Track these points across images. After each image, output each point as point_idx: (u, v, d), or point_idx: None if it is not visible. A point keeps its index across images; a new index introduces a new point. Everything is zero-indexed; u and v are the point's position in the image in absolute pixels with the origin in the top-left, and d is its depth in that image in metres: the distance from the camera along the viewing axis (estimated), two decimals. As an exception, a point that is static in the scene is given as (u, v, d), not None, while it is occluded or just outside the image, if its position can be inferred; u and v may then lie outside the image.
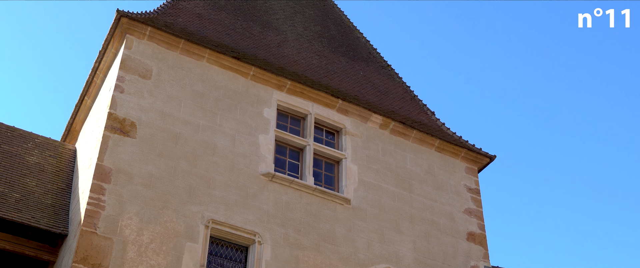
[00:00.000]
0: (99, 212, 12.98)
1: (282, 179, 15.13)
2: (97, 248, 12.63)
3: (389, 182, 16.55)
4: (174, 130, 14.59)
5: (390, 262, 15.31)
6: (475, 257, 16.54)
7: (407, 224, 16.11)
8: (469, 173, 18.00)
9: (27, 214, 13.43)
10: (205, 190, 14.16)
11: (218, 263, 13.88)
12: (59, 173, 15.25)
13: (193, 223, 13.68)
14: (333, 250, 14.80)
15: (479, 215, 17.33)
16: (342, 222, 15.28)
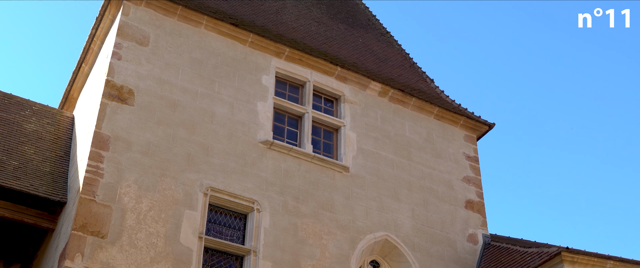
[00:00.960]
0: (97, 179, 12.98)
1: (280, 147, 15.11)
2: (96, 215, 12.65)
3: (387, 150, 16.54)
4: (172, 98, 14.53)
5: (388, 230, 15.36)
6: (474, 225, 16.60)
7: (406, 192, 16.13)
8: (468, 141, 18.00)
9: (26, 182, 13.42)
10: (203, 157, 14.15)
11: (217, 230, 13.92)
12: (57, 141, 15.22)
13: (192, 191, 13.69)
14: (332, 217, 14.84)
15: (477, 183, 17.36)
16: (340, 190, 15.30)
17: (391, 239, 15.27)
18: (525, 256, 14.51)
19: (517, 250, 14.92)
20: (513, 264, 14.71)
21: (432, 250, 15.61)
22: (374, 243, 15.10)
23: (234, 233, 14.07)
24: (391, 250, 15.28)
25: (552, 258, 13.73)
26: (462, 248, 16.05)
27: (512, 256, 14.93)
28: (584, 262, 13.77)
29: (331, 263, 14.28)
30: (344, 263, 14.44)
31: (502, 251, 15.44)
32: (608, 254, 14.01)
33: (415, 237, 15.58)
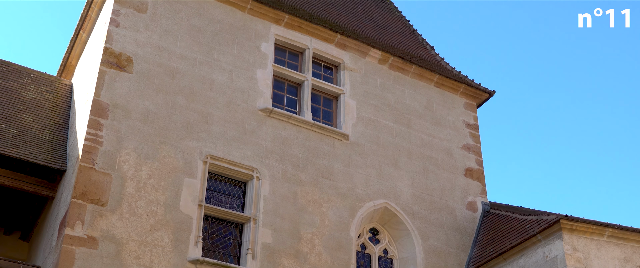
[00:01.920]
0: (96, 147, 12.96)
1: (280, 115, 15.07)
2: (96, 183, 12.65)
3: (387, 118, 16.50)
4: (171, 65, 14.45)
5: (388, 198, 15.38)
6: (473, 193, 16.63)
7: (405, 160, 16.13)
8: (468, 109, 17.95)
9: (25, 150, 13.39)
10: (203, 125, 14.12)
11: (217, 198, 13.94)
12: (55, 109, 15.16)
13: (191, 159, 13.67)
14: (331, 185, 14.85)
15: (477, 151, 17.35)
16: (340, 158, 15.29)
17: (391, 207, 15.31)
18: (524, 224, 14.55)
19: (516, 218, 14.96)
20: (512, 232, 14.76)
21: (432, 218, 15.65)
22: (373, 211, 15.13)
23: (233, 201, 14.09)
24: (391, 217, 15.32)
25: (551, 226, 13.77)
26: (462, 216, 16.09)
27: (511, 224, 14.98)
28: (582, 229, 13.82)
29: (331, 231, 14.32)
30: (344, 230, 14.48)
31: (501, 219, 15.49)
32: (607, 222, 14.04)
33: (415, 205, 15.61)
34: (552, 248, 13.76)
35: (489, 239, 15.30)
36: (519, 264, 14.36)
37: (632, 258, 13.97)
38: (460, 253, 15.58)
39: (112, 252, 12.22)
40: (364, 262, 14.86)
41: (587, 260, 13.59)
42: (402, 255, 15.24)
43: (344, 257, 14.21)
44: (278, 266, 13.46)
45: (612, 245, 13.97)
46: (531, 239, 14.11)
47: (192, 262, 12.74)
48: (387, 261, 15.18)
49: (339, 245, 14.29)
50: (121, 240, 12.38)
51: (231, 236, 13.73)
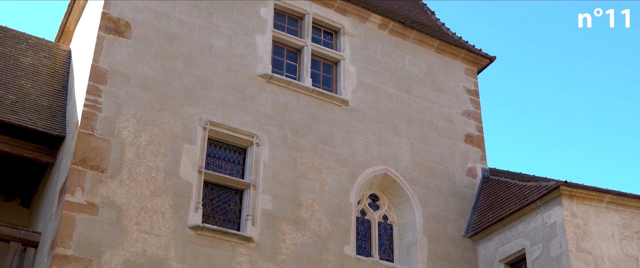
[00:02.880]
0: (96, 113, 12.92)
1: (279, 80, 15.00)
2: (96, 150, 12.63)
3: (387, 84, 16.43)
4: (170, 31, 14.34)
5: (387, 164, 15.38)
6: (473, 159, 16.63)
7: (405, 126, 16.10)
8: (468, 75, 17.87)
9: (24, 116, 13.35)
10: (202, 91, 14.06)
11: (216, 164, 13.94)
12: (54, 75, 15.08)
13: (191, 125, 13.64)
14: (331, 151, 14.84)
15: (477, 117, 17.31)
16: (340, 124, 15.26)
17: (390, 173, 15.31)
18: (524, 190, 14.57)
19: (516, 184, 14.98)
20: (511, 198, 14.79)
21: (431, 184, 15.67)
22: (373, 177, 15.15)
23: (233, 168, 14.09)
24: (390, 184, 15.34)
25: (550, 192, 13.79)
26: (461, 182, 16.11)
27: (511, 190, 15.01)
28: (582, 195, 13.84)
29: (330, 197, 14.34)
30: (343, 197, 14.51)
31: (500, 185, 15.51)
32: (606, 188, 14.07)
33: (415, 171, 15.62)
34: (551, 214, 13.80)
35: (489, 205, 15.34)
36: (518, 230, 14.42)
37: (631, 224, 14.03)
38: (460, 219, 15.64)
39: (112, 218, 12.25)
40: (363, 228, 14.92)
41: (586, 226, 13.64)
42: (402, 221, 15.29)
43: (344, 223, 14.25)
44: (278, 232, 13.50)
45: (611, 211, 14.01)
46: (530, 205, 14.15)
47: (192, 228, 12.78)
48: (386, 227, 15.24)
49: (339, 211, 14.33)
50: (121, 206, 12.40)
51: (231, 202, 13.76)
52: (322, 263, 13.64)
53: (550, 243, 13.62)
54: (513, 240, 14.44)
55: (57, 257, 11.58)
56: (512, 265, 14.61)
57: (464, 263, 15.13)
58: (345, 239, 14.11)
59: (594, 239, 13.56)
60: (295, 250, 13.52)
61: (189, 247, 12.62)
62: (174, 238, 12.58)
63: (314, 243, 13.75)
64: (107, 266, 11.88)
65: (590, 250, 13.42)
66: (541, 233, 13.89)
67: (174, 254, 12.46)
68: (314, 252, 13.68)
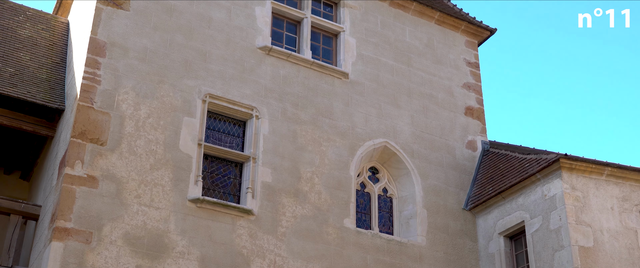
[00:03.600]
0: (95, 86, 12.87)
1: (279, 53, 14.93)
2: (95, 123, 12.60)
3: (387, 56, 16.36)
4: (168, 2, 14.23)
5: (387, 137, 15.36)
6: (473, 132, 16.60)
7: (405, 98, 16.05)
8: (469, 47, 17.78)
9: (23, 89, 13.30)
10: (201, 64, 13.99)
11: (216, 137, 13.92)
12: (52, 47, 15.00)
13: (190, 97, 13.60)
14: (331, 124, 14.81)
15: (477, 90, 17.26)
16: (340, 96, 15.22)
17: (390, 146, 15.30)
18: (524, 163, 14.57)
19: (516, 157, 14.98)
20: (511, 171, 14.79)
21: (431, 157, 15.66)
22: (373, 149, 15.13)
23: (233, 140, 14.07)
24: (390, 156, 15.34)
25: (550, 164, 13.79)
26: (461, 154, 16.11)
27: (511, 162, 15.00)
28: (582, 168, 13.84)
29: (330, 170, 14.34)
30: (343, 169, 14.51)
31: (500, 158, 15.50)
32: (606, 161, 14.07)
33: (415, 144, 15.60)
34: (551, 187, 13.82)
35: (488, 178, 15.35)
36: (518, 203, 14.44)
37: (631, 197, 14.05)
38: (459, 192, 15.65)
39: (112, 191, 12.26)
40: (363, 201, 14.94)
41: (585, 198, 13.65)
42: (402, 193, 15.31)
43: (344, 196, 14.27)
44: (278, 205, 13.52)
45: (611, 184, 14.02)
46: (530, 178, 14.16)
47: (192, 200, 12.79)
48: (386, 200, 15.26)
49: (339, 183, 14.34)
50: (121, 179, 12.40)
51: (231, 175, 13.76)
52: (322, 236, 13.68)
53: (549, 215, 13.65)
54: (512, 213, 14.48)
55: (57, 230, 11.60)
56: (512, 238, 14.66)
57: (464, 236, 15.18)
58: (345, 212, 14.13)
59: (594, 212, 13.58)
60: (295, 223, 13.55)
61: (189, 219, 12.64)
62: (174, 211, 12.60)
63: (313, 216, 13.78)
64: (108, 239, 11.91)
65: (589, 222, 13.45)
66: (541, 206, 13.91)
67: (174, 227, 12.49)
68: (314, 225, 13.71)
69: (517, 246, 14.56)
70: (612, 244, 13.41)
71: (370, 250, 14.05)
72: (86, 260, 11.63)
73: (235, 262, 12.73)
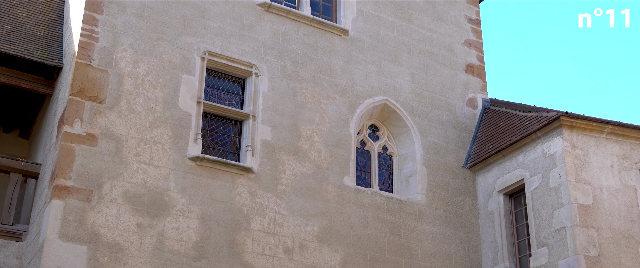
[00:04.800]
0: (92, 43, 12.76)
1: (278, 9, 14.77)
2: (93, 80, 12.53)
3: (387, 13, 16.19)
4: (166, -41, 14.03)
5: (387, 94, 15.29)
6: (473, 89, 16.53)
7: (406, 56, 15.94)
8: (470, 3, 17.58)
9: (20, 46, 13.18)
10: (200, 20, 13.85)
11: (215, 95, 13.85)
12: (49, 4, 14.83)
13: (189, 55, 13.50)
14: (330, 82, 14.73)
15: (478, 47, 17.12)
16: (339, 54, 15.11)
17: (390, 103, 15.24)
18: (524, 120, 14.53)
19: (516, 115, 14.93)
20: (512, 128, 14.76)
21: (431, 115, 15.62)
22: (373, 107, 15.08)
23: (232, 98, 14.01)
24: (390, 114, 15.29)
25: (551, 122, 13.75)
26: (461, 112, 16.05)
27: (511, 120, 14.96)
28: (582, 126, 13.81)
29: (330, 128, 14.31)
30: (343, 127, 14.47)
31: (501, 115, 15.46)
32: (607, 119, 14.03)
33: (415, 102, 15.54)
34: (551, 145, 13.80)
35: (489, 136, 15.33)
36: (518, 161, 14.43)
37: (631, 155, 14.04)
38: (459, 150, 15.64)
39: (112, 149, 12.24)
40: (363, 159, 14.94)
41: (585, 156, 13.65)
42: (402, 151, 15.30)
43: (344, 154, 14.26)
44: (278, 163, 13.52)
45: (611, 142, 14.00)
46: (530, 136, 14.13)
47: (192, 159, 12.78)
48: (386, 158, 15.26)
49: (339, 141, 14.31)
50: (121, 137, 12.38)
51: (230, 133, 13.73)
52: (321, 194, 13.70)
53: (549, 173, 13.66)
54: (512, 171, 14.48)
55: (57, 188, 11.61)
56: (511, 196, 14.70)
57: (463, 194, 15.21)
58: (344, 170, 14.14)
59: (593, 170, 13.59)
60: (295, 181, 13.56)
61: (189, 177, 12.65)
62: (174, 169, 12.60)
63: (313, 174, 13.79)
64: (108, 197, 11.93)
65: (589, 180, 13.46)
66: (540, 163, 13.91)
67: (174, 185, 12.50)
68: (314, 183, 13.72)
69: (517, 204, 14.60)
70: (611, 202, 13.45)
71: (369, 208, 14.09)
72: (87, 218, 11.67)
73: (236, 220, 12.78)
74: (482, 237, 14.90)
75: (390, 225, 14.13)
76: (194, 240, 12.32)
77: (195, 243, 12.32)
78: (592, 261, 12.82)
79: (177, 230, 12.25)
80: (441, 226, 14.67)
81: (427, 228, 14.51)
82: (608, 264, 12.91)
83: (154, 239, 12.03)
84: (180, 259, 12.12)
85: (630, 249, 13.21)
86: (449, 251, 14.54)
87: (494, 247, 14.51)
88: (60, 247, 11.33)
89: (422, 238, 14.37)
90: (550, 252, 13.27)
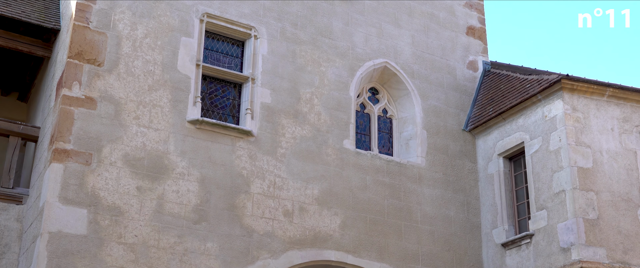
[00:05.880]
0: (90, 5, 12.63)
1: (278, -29, 14.60)
2: (91, 43, 12.43)
3: (388, -26, 16.01)
4: None
5: (388, 57, 15.20)
6: (474, 52, 16.42)
7: (406, 18, 15.80)
8: (471, -35, 17.38)
9: (17, 8, 13.05)
10: (198, -18, 13.70)
11: (214, 58, 13.76)
12: (45, -35, 14.65)
13: (187, 17, 13.37)
14: (330, 44, 14.62)
15: (479, 9, 16.95)
16: (339, 16, 14.97)
17: (390, 66, 15.15)
18: (525, 83, 14.47)
19: (517, 77, 14.86)
20: (512, 91, 14.70)
21: (432, 77, 15.54)
22: (373, 70, 14.99)
23: (231, 61, 13.92)
24: (390, 77, 15.21)
25: (551, 85, 13.69)
26: (462, 75, 15.97)
27: (512, 83, 14.90)
28: (583, 89, 13.75)
29: (330, 91, 14.24)
30: (343, 90, 14.41)
31: (501, 78, 15.39)
32: (608, 82, 13.97)
33: (415, 64, 15.45)
34: (551, 108, 13.75)
35: (489, 99, 15.27)
36: (518, 124, 14.40)
37: (631, 118, 14.00)
38: (460, 113, 15.60)
39: (111, 112, 12.20)
40: (363, 122, 14.90)
41: (586, 119, 13.61)
42: (401, 114, 15.25)
43: (343, 117, 14.22)
44: (277, 126, 13.48)
45: (611, 104, 13.95)
46: (531, 99, 14.08)
47: (191, 122, 12.74)
48: (386, 121, 15.22)
49: (338, 104, 14.26)
50: (119, 100, 12.32)
51: (230, 96, 13.67)
52: (321, 157, 13.69)
53: (549, 136, 13.64)
54: (512, 134, 14.46)
55: (57, 152, 11.59)
56: (511, 159, 14.69)
57: (463, 157, 15.21)
58: (344, 133, 14.11)
59: (594, 133, 13.56)
60: (295, 144, 13.54)
61: (188, 141, 12.63)
62: (173, 132, 12.57)
63: (313, 137, 13.76)
64: (107, 160, 11.91)
65: (589, 143, 13.44)
66: (541, 126, 13.88)
67: (174, 148, 12.48)
68: (314, 146, 13.71)
69: (516, 167, 14.60)
70: (611, 165, 13.45)
71: (369, 171, 14.09)
72: (87, 181, 11.67)
73: (235, 183, 12.79)
74: (482, 200, 14.93)
75: (390, 188, 14.15)
76: (194, 203, 12.34)
77: (195, 207, 12.34)
78: (591, 224, 12.86)
79: (177, 193, 12.26)
80: (441, 189, 14.69)
81: (427, 192, 14.53)
82: (607, 227, 12.96)
83: (154, 202, 12.05)
84: (181, 222, 12.16)
85: (629, 212, 13.24)
86: (448, 214, 14.58)
87: (493, 210, 14.56)
88: (60, 210, 11.35)
89: (422, 201, 14.40)
90: (549, 215, 13.32)
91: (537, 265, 13.34)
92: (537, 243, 13.43)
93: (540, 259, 13.29)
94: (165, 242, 11.95)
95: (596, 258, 12.66)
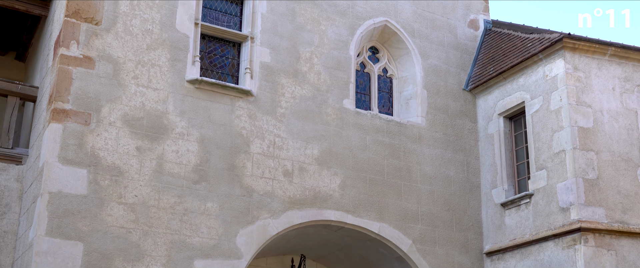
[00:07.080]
0: (86, -37, 12.46)
1: None
2: (88, 1, 12.29)
3: None
4: None
5: (388, 15, 15.05)
6: (475, 10, 16.26)
7: (407, -24, 15.61)
8: None
9: (12, -34, 12.90)
10: (196, -60, 13.50)
11: (213, 17, 13.62)
12: None
13: (186, -25, 13.21)
14: (330, 2, 14.47)
15: (481, -34, 16.75)
16: (339, -26, 14.79)
17: (391, 25, 15.01)
18: (526, 42, 14.36)
19: (518, 36, 14.74)
20: (513, 50, 14.60)
21: (432, 36, 15.41)
22: (373, 29, 14.86)
23: (230, 20, 13.79)
24: (390, 36, 15.08)
25: (553, 44, 13.59)
26: (463, 34, 15.84)
27: (513, 42, 14.78)
28: (585, 48, 13.65)
29: (330, 50, 14.14)
30: (343, 49, 14.30)
31: (502, 37, 15.26)
32: (610, 41, 13.86)
33: (415, 23, 15.31)
34: (552, 67, 13.67)
35: (490, 58, 15.17)
36: (519, 83, 14.33)
37: (633, 77, 13.93)
38: (460, 72, 15.51)
39: (109, 72, 12.12)
40: (363, 81, 14.82)
41: (587, 79, 13.54)
42: (402, 74, 15.17)
43: (343, 76, 14.14)
44: (277, 85, 13.41)
45: (613, 64, 13.87)
46: (532, 58, 13.99)
47: (190, 81, 12.67)
48: (386, 80, 15.14)
49: (338, 63, 14.17)
50: (118, 59, 12.23)
51: (229, 55, 13.57)
52: (321, 117, 13.65)
53: (550, 96, 13.58)
54: (513, 94, 14.40)
55: (55, 111, 11.55)
56: (511, 118, 14.65)
57: (463, 117, 15.17)
58: (344, 92, 14.05)
59: (595, 92, 13.50)
60: (294, 104, 13.49)
61: (187, 100, 12.57)
62: (173, 91, 12.50)
63: (313, 96, 13.70)
64: (107, 120, 11.87)
65: (590, 103, 13.39)
66: (541, 86, 13.81)
67: (173, 108, 12.43)
68: (313, 105, 13.65)
69: (517, 127, 14.57)
70: (611, 125, 13.41)
71: (369, 130, 14.06)
72: (86, 141, 11.64)
73: (235, 143, 12.77)
74: (482, 159, 14.93)
75: (389, 148, 14.14)
76: (193, 163, 12.34)
77: (195, 167, 12.34)
78: (590, 184, 12.87)
79: (176, 153, 12.25)
80: (441, 149, 14.68)
81: (427, 151, 14.52)
82: (606, 187, 12.98)
83: (153, 162, 12.04)
84: (180, 182, 12.16)
85: (629, 172, 13.25)
86: (448, 174, 14.59)
87: (493, 169, 14.56)
88: (60, 171, 11.35)
89: (422, 161, 14.40)
90: (549, 175, 13.32)
91: (536, 225, 13.39)
92: (537, 203, 13.47)
93: (539, 219, 13.34)
94: (165, 201, 11.97)
95: (595, 218, 12.70)
